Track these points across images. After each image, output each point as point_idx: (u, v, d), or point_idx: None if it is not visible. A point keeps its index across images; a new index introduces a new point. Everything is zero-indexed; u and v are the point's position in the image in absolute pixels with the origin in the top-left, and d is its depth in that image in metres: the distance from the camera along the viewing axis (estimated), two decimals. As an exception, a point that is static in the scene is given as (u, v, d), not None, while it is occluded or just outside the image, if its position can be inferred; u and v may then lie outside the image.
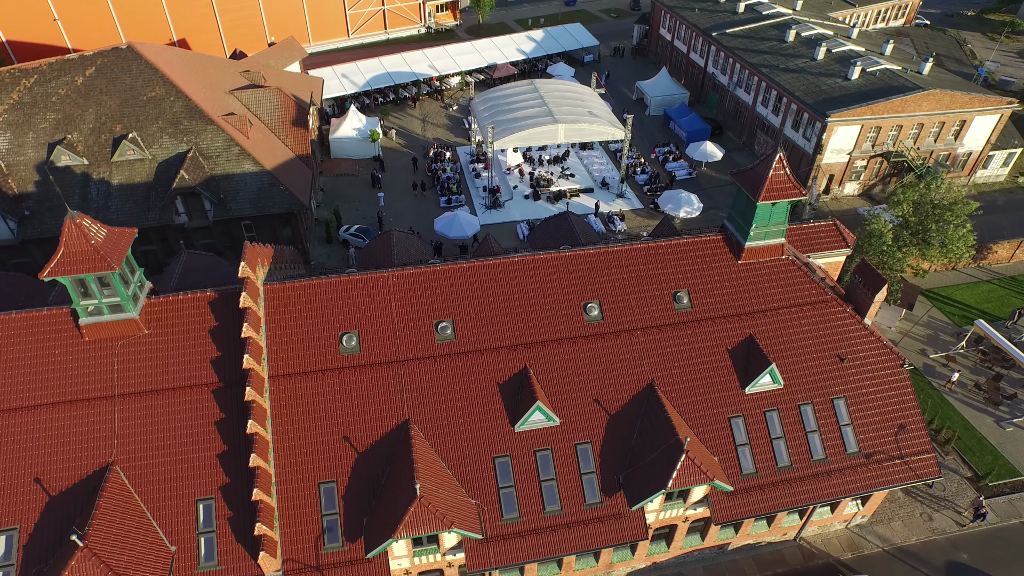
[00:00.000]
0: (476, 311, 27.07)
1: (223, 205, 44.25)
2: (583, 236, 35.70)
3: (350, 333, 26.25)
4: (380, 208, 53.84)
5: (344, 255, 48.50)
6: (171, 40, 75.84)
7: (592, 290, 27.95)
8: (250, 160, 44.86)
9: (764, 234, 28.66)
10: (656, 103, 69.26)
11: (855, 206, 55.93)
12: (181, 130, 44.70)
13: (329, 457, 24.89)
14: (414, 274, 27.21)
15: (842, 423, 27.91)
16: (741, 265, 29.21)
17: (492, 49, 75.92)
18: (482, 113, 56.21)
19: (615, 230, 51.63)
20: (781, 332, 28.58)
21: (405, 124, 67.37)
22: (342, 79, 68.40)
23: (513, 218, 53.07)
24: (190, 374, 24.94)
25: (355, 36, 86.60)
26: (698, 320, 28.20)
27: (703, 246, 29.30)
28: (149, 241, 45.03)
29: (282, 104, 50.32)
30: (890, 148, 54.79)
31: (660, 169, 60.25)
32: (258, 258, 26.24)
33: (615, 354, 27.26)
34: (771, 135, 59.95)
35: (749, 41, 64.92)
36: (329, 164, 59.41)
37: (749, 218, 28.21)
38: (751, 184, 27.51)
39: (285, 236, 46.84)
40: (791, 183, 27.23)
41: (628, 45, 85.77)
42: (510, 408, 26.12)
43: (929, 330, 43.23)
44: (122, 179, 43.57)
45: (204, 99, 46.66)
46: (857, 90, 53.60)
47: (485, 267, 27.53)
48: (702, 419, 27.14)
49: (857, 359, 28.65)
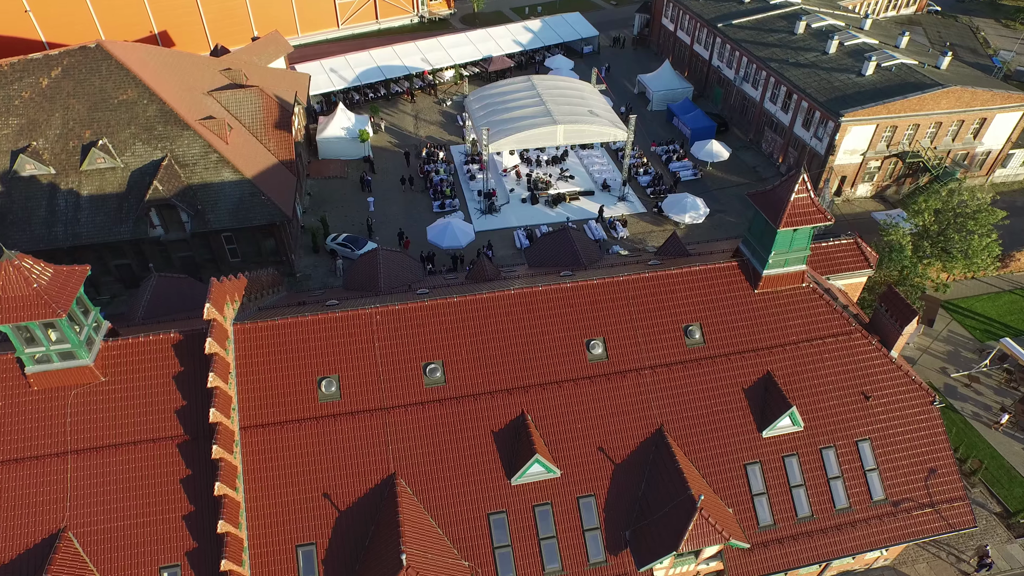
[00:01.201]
0: (468, 351, 24.64)
1: (201, 217, 41.58)
2: (584, 254, 33.22)
3: (329, 378, 23.83)
4: (370, 214, 51.19)
5: (331, 266, 45.92)
6: (151, 33, 72.55)
7: (595, 325, 25.51)
8: (229, 168, 42.12)
9: (784, 261, 26.19)
10: (658, 98, 66.34)
11: (868, 209, 53.40)
12: (155, 136, 41.92)
13: (307, 517, 22.59)
14: (399, 310, 24.73)
15: (867, 468, 25.65)
16: (758, 295, 26.76)
17: (487, 41, 72.74)
18: (477, 112, 53.36)
19: (617, 236, 49.09)
20: (801, 368, 26.21)
21: (396, 121, 64.44)
22: (330, 74, 65.34)
23: (510, 224, 50.47)
24: (153, 426, 22.54)
25: (345, 27, 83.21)
26: (711, 357, 25.81)
27: (716, 274, 26.82)
28: (123, 255, 42.45)
29: (264, 105, 47.44)
30: (906, 148, 52.12)
31: (663, 169, 57.54)
32: (226, 295, 23.72)
33: (621, 396, 24.90)
34: (780, 133, 57.20)
35: (756, 33, 61.89)
36: (316, 166, 56.62)
37: (768, 244, 25.70)
38: (771, 208, 24.97)
39: (268, 247, 44.27)
40: (816, 208, 24.70)
41: (629, 35, 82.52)
42: (506, 459, 23.80)
43: (949, 346, 40.93)
44: (92, 189, 40.86)
45: (180, 102, 43.80)
46: (872, 87, 50.82)
47: (477, 301, 25.06)
48: (716, 466, 24.87)
49: (883, 397, 26.33)
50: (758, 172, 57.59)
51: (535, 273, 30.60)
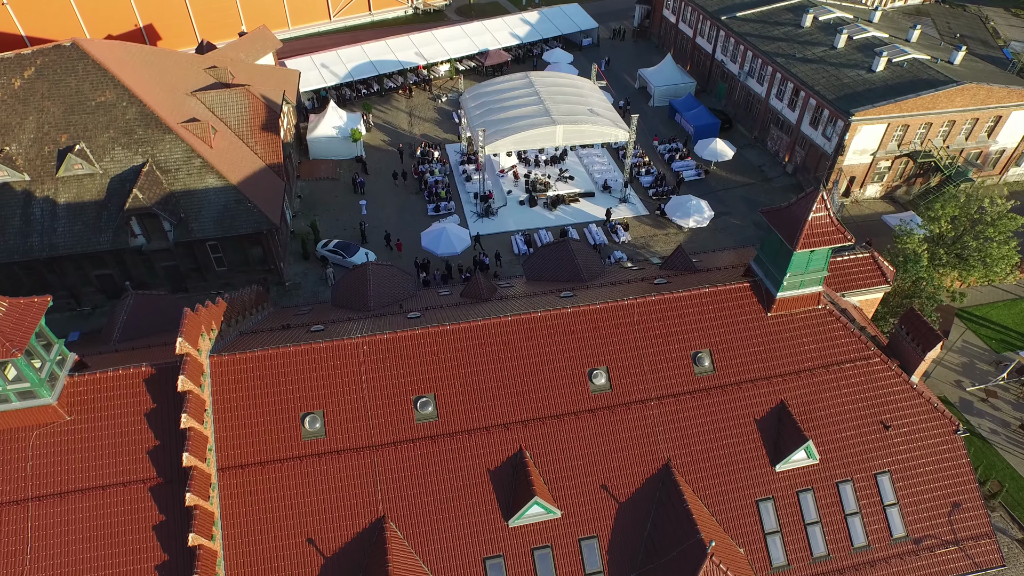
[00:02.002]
0: (462, 383, 23.01)
1: (184, 226, 39.77)
2: (585, 267, 31.53)
3: (314, 414, 22.21)
4: (362, 217, 49.35)
5: (322, 274, 44.17)
6: (136, 26, 70.19)
7: (598, 353, 23.88)
8: (213, 174, 40.25)
9: (799, 283, 24.52)
10: (660, 93, 64.29)
11: (878, 211, 51.66)
12: (135, 140, 39.99)
13: (291, 564, 21.06)
14: (388, 340, 23.05)
15: (887, 503, 24.15)
16: (771, 318, 25.12)
17: (483, 33, 70.49)
18: (472, 111, 51.39)
19: (619, 241, 47.33)
20: (817, 397, 24.64)
21: (390, 119, 62.40)
22: (321, 69, 63.18)
23: (507, 228, 48.68)
24: (123, 468, 20.93)
25: (337, 19, 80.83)
26: (722, 386, 24.21)
27: (727, 297, 25.14)
28: (104, 265, 40.64)
29: (250, 106, 45.44)
30: (917, 148, 50.29)
31: (666, 169, 55.66)
32: (201, 326, 22.03)
33: (625, 430, 23.32)
34: (786, 131, 55.29)
35: (762, 26, 59.80)
36: (307, 167, 54.68)
37: (782, 266, 24.02)
38: (787, 228, 23.25)
39: (256, 256, 42.49)
40: (835, 227, 23.00)
41: (629, 27, 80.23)
42: (503, 499, 22.26)
43: (963, 357, 39.40)
44: (69, 197, 39.00)
45: (161, 103, 41.82)
46: (883, 84, 48.90)
47: (471, 330, 23.39)
48: (726, 503, 23.36)
49: (904, 426, 24.78)
50: (763, 172, 55.77)
51: (533, 291, 28.90)
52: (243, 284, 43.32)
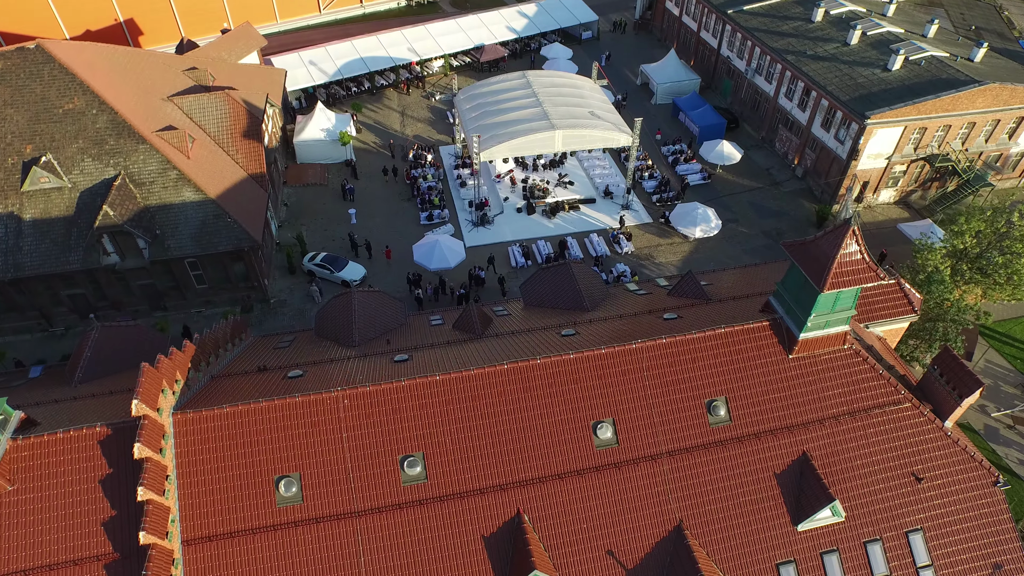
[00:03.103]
0: (453, 440, 20.82)
1: (160, 243, 37.39)
2: (587, 294, 29.30)
3: (289, 477, 20.03)
4: (352, 227, 46.91)
5: (308, 291, 41.81)
6: (116, 21, 67.16)
7: (603, 404, 21.68)
8: (191, 187, 37.80)
9: (824, 323, 22.30)
10: (663, 90, 61.60)
11: (892, 217, 49.34)
12: (107, 151, 37.50)
13: (263, 646, 19.01)
14: (371, 393, 20.81)
15: (920, 564, 22.11)
16: (792, 361, 22.91)
17: (479, 28, 67.58)
18: (467, 113, 48.79)
19: (621, 252, 44.99)
20: (842, 447, 22.51)
21: (381, 119, 59.74)
22: (309, 67, 60.36)
23: (504, 238, 46.28)
24: (74, 544, 18.75)
25: (327, 11, 77.70)
26: (739, 438, 22.06)
27: (745, 337, 22.90)
28: (76, 284, 38.29)
29: (231, 112, 42.83)
30: (935, 151, 47.85)
31: (670, 173, 53.18)
32: (162, 381, 19.76)
33: (634, 489, 21.19)
34: (796, 132, 52.78)
35: (770, 20, 57.03)
36: (294, 171, 52.13)
37: (807, 305, 21.77)
38: (813, 266, 20.96)
39: (238, 272, 40.13)
40: (868, 266, 20.72)
41: (630, 19, 77.24)
42: (499, 569, 20.15)
43: (987, 378, 37.29)
44: (36, 213, 36.57)
45: (135, 110, 39.26)
46: (900, 84, 46.35)
47: (464, 380, 21.15)
48: (744, 567, 21.30)
49: (938, 478, 22.69)
50: (772, 175, 53.32)
51: (530, 324, 26.66)
52: (225, 302, 41.13)
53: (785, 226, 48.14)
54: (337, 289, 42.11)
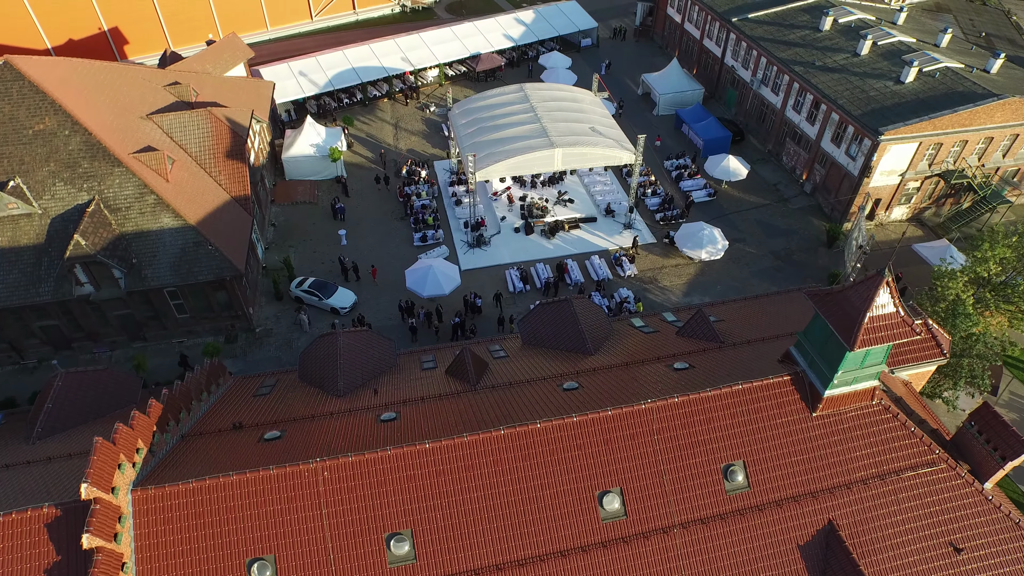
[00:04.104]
0: (445, 515, 18.82)
1: (136, 273, 35.33)
2: (590, 335, 27.30)
3: (263, 560, 18.02)
4: (342, 249, 44.85)
5: (296, 319, 39.76)
6: (100, 30, 64.98)
7: (611, 472, 19.69)
8: (169, 212, 35.74)
9: (852, 379, 20.33)
10: (665, 101, 59.59)
11: (905, 235, 47.37)
12: (80, 175, 35.44)
13: None
14: (354, 463, 18.80)
15: (958, 644, 20.19)
16: (817, 419, 20.94)
17: (475, 35, 65.50)
18: (462, 129, 46.74)
19: (624, 275, 43.00)
20: (872, 514, 20.56)
21: (374, 131, 57.68)
22: (299, 78, 58.24)
23: (502, 260, 44.25)
24: (19, 641, 16.78)
25: (319, 19, 75.60)
26: (758, 506, 20.10)
27: (764, 394, 20.93)
28: (48, 315, 36.21)
29: (214, 131, 40.77)
30: (950, 167, 45.91)
31: (674, 188, 51.16)
32: (119, 455, 17.72)
33: (643, 566, 19.21)
34: (804, 146, 50.81)
35: (776, 29, 55.06)
36: (282, 189, 50.06)
37: (833, 362, 19.81)
38: (841, 322, 18.97)
39: (221, 301, 38.08)
40: (902, 320, 18.74)
41: (630, 26, 75.25)
42: (496, 660, 18.20)
43: (1012, 413, 35.35)
44: (3, 241, 34.47)
45: (111, 131, 37.17)
46: (914, 97, 44.40)
47: (456, 448, 19.15)
48: (766, 651, 19.36)
49: (978, 548, 20.73)
50: (779, 190, 51.35)
51: (530, 372, 24.64)
52: (208, 331, 39.13)
53: (794, 246, 46.17)
54: (326, 317, 40.13)
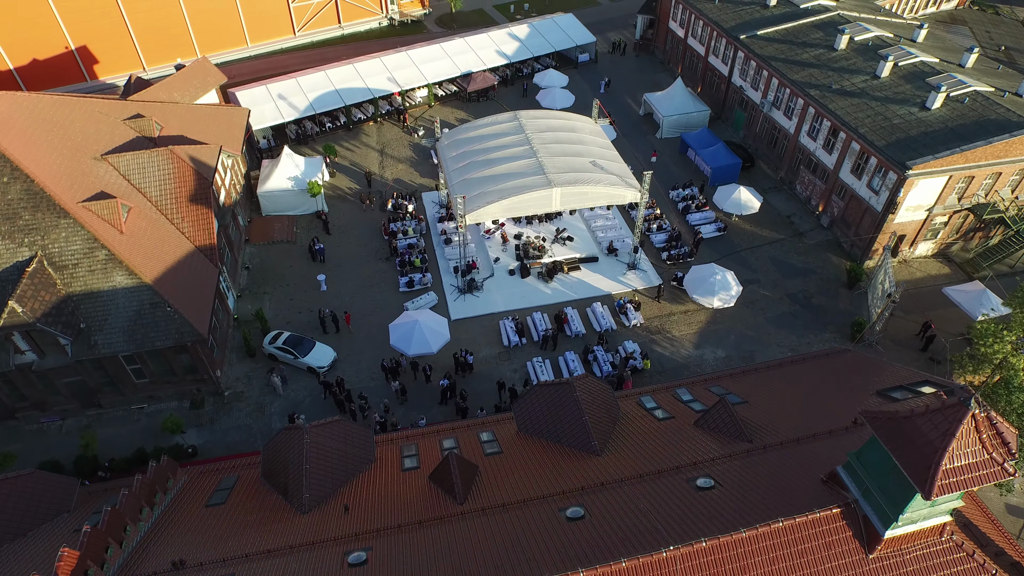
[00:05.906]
0: None
1: (85, 339, 31.54)
2: (596, 431, 23.69)
3: None
4: (322, 295, 41.08)
5: (269, 381, 35.97)
6: (67, 49, 61.05)
7: (626, 642, 16.01)
8: (123, 270, 31.99)
9: (919, 517, 16.67)
10: (670, 124, 55.95)
11: (932, 274, 43.85)
12: (20, 228, 31.68)
13: None
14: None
15: None
16: (874, 560, 17.27)
17: (466, 52, 61.77)
18: (450, 163, 42.96)
19: (629, 325, 39.30)
20: None
21: (358, 158, 53.94)
22: (278, 101, 54.44)
23: (495, 308, 40.49)
24: None
25: (303, 34, 71.75)
26: (808, 677, 16.43)
27: (811, 532, 17.25)
28: (-13, 385, 32.43)
29: (176, 171, 37.01)
30: (981, 200, 42.35)
31: (681, 222, 47.47)
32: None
33: None
34: (820, 176, 47.19)
35: (788, 48, 51.46)
36: (258, 226, 46.28)
37: (898, 500, 16.15)
38: (911, 459, 15.29)
39: (184, 363, 34.30)
40: (991, 458, 15.08)
41: (630, 40, 71.59)
42: None
43: (1063, 485, 31.79)
44: (-66, 307, 30.64)
45: (58, 176, 33.44)
46: (942, 125, 40.81)
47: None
48: None
49: None
50: (794, 223, 47.71)
51: (526, 494, 20.90)
52: (171, 396, 35.39)
53: (812, 287, 42.53)
54: (303, 376, 36.37)
